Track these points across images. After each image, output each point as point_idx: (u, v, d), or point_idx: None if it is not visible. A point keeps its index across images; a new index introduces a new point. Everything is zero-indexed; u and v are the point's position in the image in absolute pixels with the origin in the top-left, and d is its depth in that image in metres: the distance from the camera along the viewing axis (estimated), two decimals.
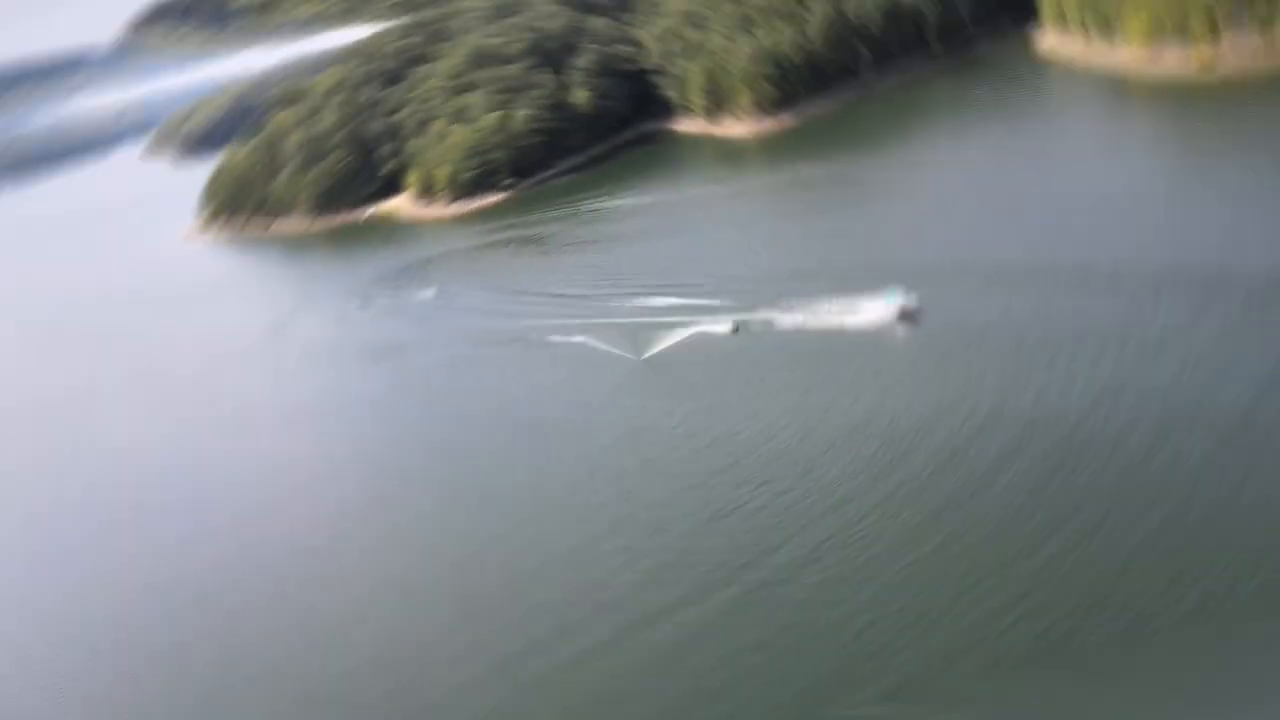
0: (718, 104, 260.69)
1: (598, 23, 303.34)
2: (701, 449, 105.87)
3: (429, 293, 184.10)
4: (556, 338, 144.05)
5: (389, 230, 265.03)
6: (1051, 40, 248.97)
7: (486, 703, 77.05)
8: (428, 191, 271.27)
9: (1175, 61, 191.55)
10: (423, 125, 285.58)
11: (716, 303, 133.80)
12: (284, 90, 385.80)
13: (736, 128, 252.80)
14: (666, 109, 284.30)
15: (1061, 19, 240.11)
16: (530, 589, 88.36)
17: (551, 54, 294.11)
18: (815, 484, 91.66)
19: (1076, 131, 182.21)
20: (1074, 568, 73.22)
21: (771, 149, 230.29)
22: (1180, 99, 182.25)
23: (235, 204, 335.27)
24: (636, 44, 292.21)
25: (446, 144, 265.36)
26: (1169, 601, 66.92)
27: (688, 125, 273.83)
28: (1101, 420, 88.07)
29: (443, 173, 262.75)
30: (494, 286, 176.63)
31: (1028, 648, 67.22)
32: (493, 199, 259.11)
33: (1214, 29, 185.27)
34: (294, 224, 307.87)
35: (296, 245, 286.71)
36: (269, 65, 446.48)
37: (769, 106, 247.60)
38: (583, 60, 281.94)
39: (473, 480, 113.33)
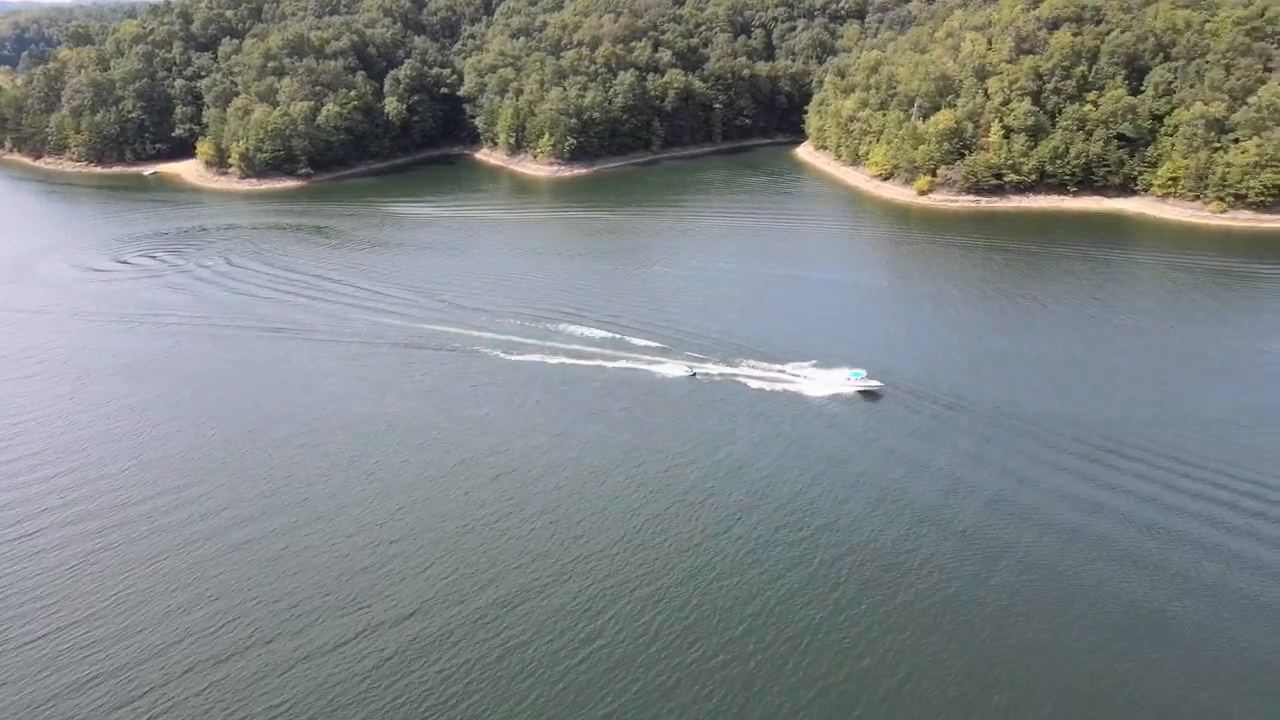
0: (520, 143, 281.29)
1: (424, 43, 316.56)
2: (396, 434, 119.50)
3: (202, 262, 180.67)
4: (326, 330, 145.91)
5: (171, 192, 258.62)
6: (809, 154, 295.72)
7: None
8: (219, 162, 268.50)
9: (900, 186, 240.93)
10: (226, 97, 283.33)
11: (487, 317, 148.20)
12: (78, 29, 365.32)
13: (533, 167, 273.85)
14: (473, 137, 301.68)
15: (823, 143, 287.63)
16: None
17: (372, 61, 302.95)
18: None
19: (821, 226, 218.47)
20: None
21: (562, 192, 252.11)
22: (898, 213, 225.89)
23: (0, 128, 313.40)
24: (456, 71, 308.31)
25: (249, 121, 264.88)
26: None
27: (489, 156, 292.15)
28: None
29: (239, 147, 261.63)
30: (275, 267, 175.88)
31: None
32: (287, 184, 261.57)
33: (932, 170, 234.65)
34: (66, 164, 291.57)
35: (65, 185, 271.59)
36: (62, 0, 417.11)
37: (567, 154, 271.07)
38: (403, 74, 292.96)
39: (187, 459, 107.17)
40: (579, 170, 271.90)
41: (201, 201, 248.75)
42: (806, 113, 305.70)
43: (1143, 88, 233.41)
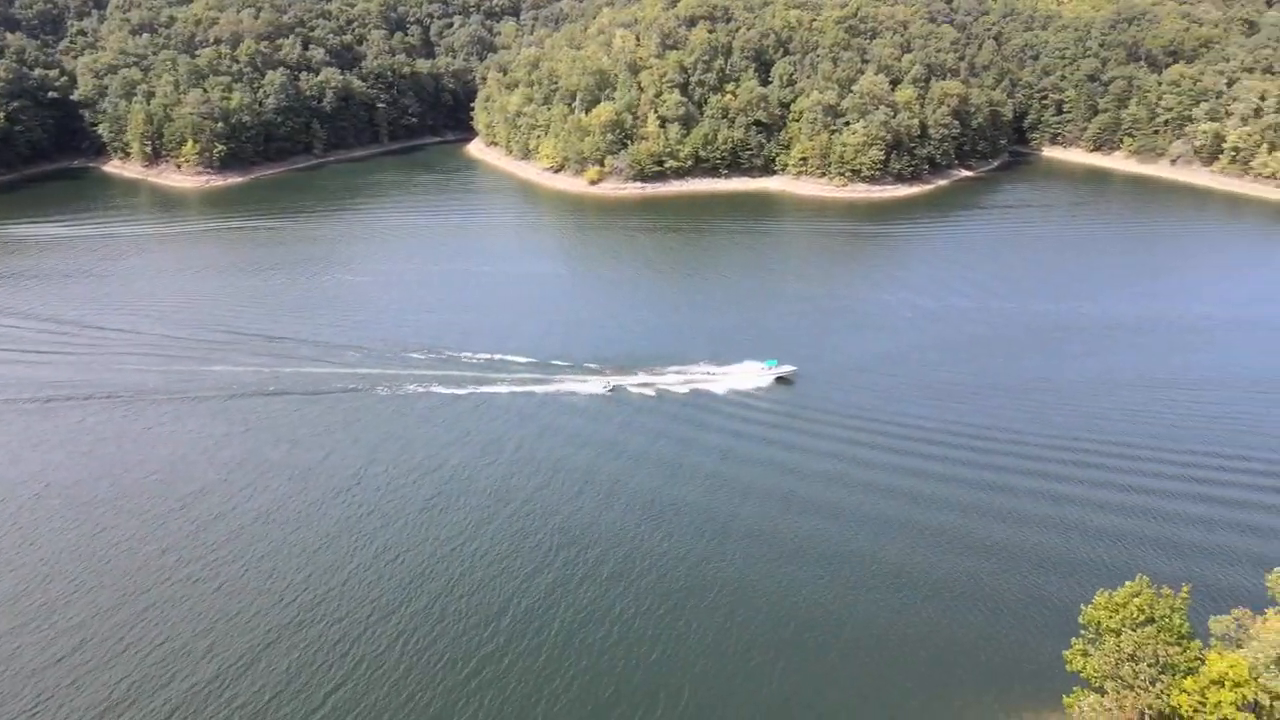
0: (159, 152, 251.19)
1: (19, 41, 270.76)
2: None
3: None
4: None
5: None
6: (480, 150, 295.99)
7: None
8: None
9: (572, 178, 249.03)
10: None
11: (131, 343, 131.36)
12: None
13: (178, 178, 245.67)
14: (97, 148, 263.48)
15: (493, 139, 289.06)
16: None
17: None
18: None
19: (501, 220, 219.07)
20: None
21: (217, 203, 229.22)
22: (573, 203, 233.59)
23: None
24: (66, 73, 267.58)
25: None
26: None
27: (122, 168, 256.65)
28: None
29: None
30: None
31: None
32: None
33: (600, 160, 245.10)
34: None
35: None
36: None
37: (217, 162, 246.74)
38: None
39: None
40: (234, 179, 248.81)
41: None
42: (474, 109, 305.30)
43: (770, 79, 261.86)
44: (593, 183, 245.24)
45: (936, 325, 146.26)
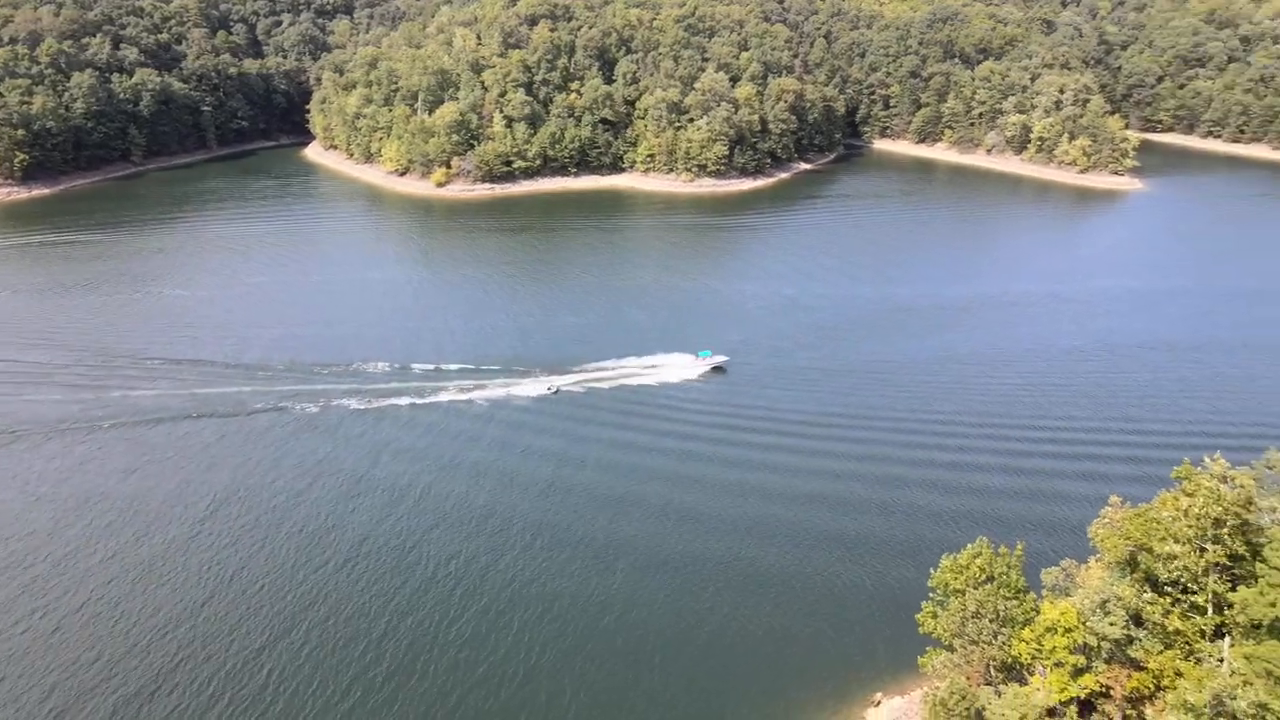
0: None
1: None
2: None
3: None
4: None
5: None
6: (319, 154, 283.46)
7: None
8: None
9: (418, 180, 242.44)
10: None
11: None
12: None
13: None
14: None
15: (332, 142, 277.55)
16: None
17: None
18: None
19: (347, 225, 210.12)
20: None
21: (19, 218, 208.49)
22: (422, 206, 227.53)
23: None
24: None
25: None
26: None
27: None
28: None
29: None
30: None
31: None
32: None
33: (446, 161, 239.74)
34: None
35: None
36: None
37: (19, 173, 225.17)
38: None
39: None
40: (39, 190, 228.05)
41: None
42: (310, 112, 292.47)
43: (614, 77, 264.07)
44: (440, 185, 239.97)
45: (784, 313, 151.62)
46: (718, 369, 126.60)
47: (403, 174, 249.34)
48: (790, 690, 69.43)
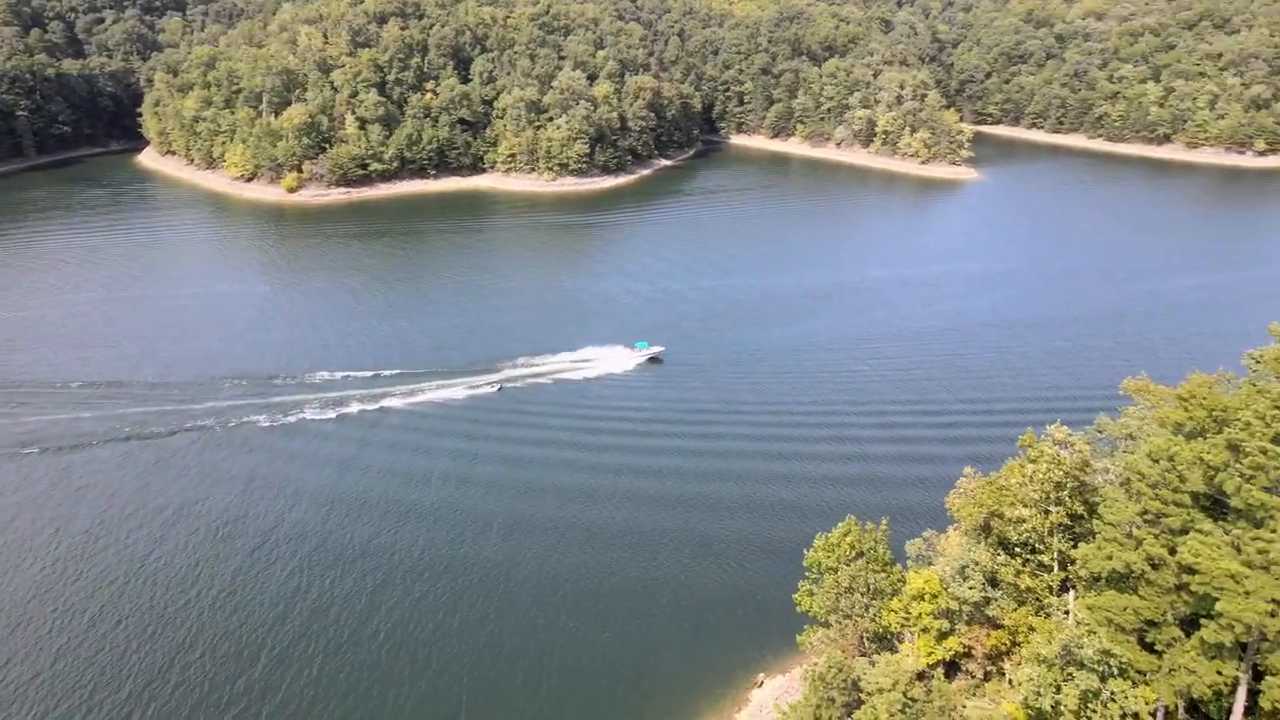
0: None
1: None
2: None
3: None
4: None
5: None
6: (155, 161, 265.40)
7: None
8: None
9: (267, 186, 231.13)
10: None
11: None
12: None
13: None
14: None
15: (169, 147, 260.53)
16: None
17: None
18: None
19: (190, 236, 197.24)
20: None
21: None
22: (272, 213, 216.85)
23: None
24: None
25: None
26: None
27: None
28: None
29: None
30: None
31: None
32: None
33: (297, 166, 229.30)
34: None
35: None
36: None
37: None
38: None
39: None
40: None
41: None
42: (141, 115, 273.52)
43: (470, 76, 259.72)
44: (291, 190, 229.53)
45: (653, 308, 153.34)
46: (654, 359, 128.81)
47: (250, 179, 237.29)
48: (674, 683, 70.47)
